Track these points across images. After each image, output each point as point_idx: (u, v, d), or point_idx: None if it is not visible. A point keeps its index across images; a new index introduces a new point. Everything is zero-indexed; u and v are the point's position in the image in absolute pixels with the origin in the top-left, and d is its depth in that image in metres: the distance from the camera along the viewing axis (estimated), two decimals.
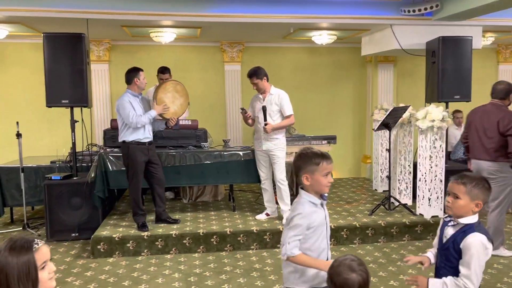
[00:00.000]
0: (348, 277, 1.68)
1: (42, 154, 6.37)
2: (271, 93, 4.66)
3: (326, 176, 2.07)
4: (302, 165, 2.07)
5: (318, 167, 2.04)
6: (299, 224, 2.06)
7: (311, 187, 2.08)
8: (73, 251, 4.49)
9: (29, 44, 6.52)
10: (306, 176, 2.06)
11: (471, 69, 5.32)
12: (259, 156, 4.80)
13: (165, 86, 4.63)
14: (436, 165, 4.77)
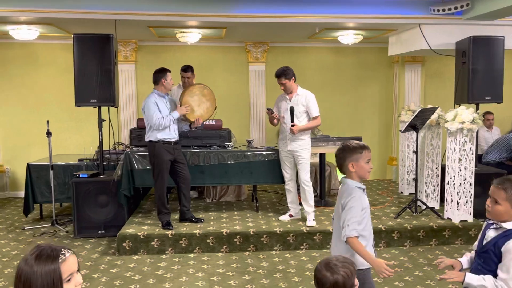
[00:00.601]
0: (324, 275, 1.72)
1: (70, 152, 6.52)
2: (298, 93, 4.62)
3: (368, 163, 2.38)
4: (347, 155, 2.37)
5: (361, 155, 2.35)
6: (354, 206, 2.30)
7: (356, 174, 2.37)
8: (99, 248, 4.57)
9: (59, 44, 6.69)
10: (352, 164, 2.35)
11: (503, 70, 5.15)
12: (283, 157, 4.76)
13: (192, 89, 4.67)
14: (465, 168, 4.64)
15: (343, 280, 1.71)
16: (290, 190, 4.81)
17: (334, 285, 1.71)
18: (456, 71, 5.37)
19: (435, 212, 4.93)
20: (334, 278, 1.71)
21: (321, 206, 5.38)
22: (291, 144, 4.63)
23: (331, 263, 1.75)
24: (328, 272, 1.72)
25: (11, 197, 6.81)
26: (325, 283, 1.71)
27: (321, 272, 1.74)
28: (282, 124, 4.73)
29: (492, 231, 2.05)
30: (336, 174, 6.19)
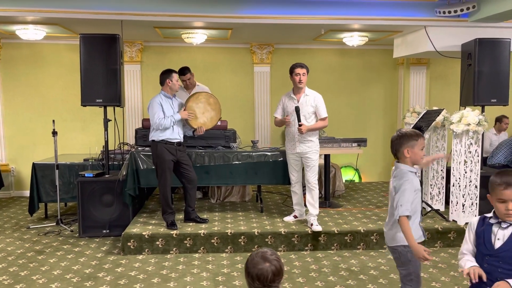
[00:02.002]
0: (263, 267, 1.82)
1: (75, 152, 6.55)
2: (307, 94, 4.55)
3: (422, 150, 2.57)
4: (404, 141, 2.55)
5: (417, 142, 2.54)
6: (407, 188, 2.49)
7: (410, 159, 2.56)
8: (104, 247, 4.58)
9: (65, 45, 6.72)
10: (407, 150, 2.54)
11: (509, 72, 5.14)
12: (291, 160, 4.68)
13: (198, 96, 4.66)
14: (471, 170, 4.63)
15: (280, 266, 1.86)
16: (296, 193, 4.77)
17: (276, 273, 1.84)
18: (462, 73, 5.36)
19: (440, 214, 4.91)
20: (274, 266, 1.84)
21: (325, 207, 5.37)
22: (299, 146, 4.55)
23: (266, 255, 1.86)
24: (267, 262, 1.83)
25: (16, 196, 6.84)
26: (266, 274, 1.82)
27: (257, 266, 1.83)
28: (289, 126, 4.61)
29: (506, 230, 2.05)
30: (340, 176, 6.18)
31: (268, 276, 1.82)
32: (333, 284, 3.69)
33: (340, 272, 3.94)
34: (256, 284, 1.84)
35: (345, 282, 3.73)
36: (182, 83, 5.56)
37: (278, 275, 1.84)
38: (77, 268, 4.03)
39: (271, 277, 1.83)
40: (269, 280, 1.83)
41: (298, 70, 4.46)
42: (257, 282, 1.84)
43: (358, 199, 5.97)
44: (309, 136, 4.52)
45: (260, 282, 1.83)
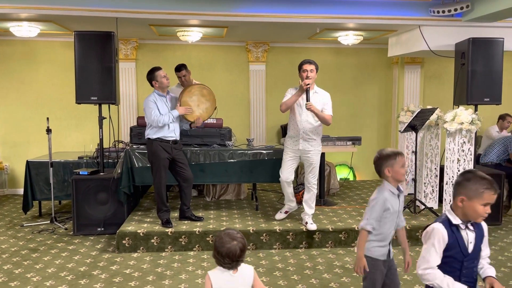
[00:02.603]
0: (230, 246, 2.06)
1: (70, 150, 6.53)
2: (316, 91, 4.43)
3: (402, 167, 2.63)
4: (383, 162, 2.63)
5: (396, 161, 2.61)
6: (377, 205, 2.58)
7: (392, 178, 2.62)
8: (98, 245, 4.57)
9: (60, 42, 6.69)
10: (388, 169, 2.61)
11: (502, 71, 5.18)
12: (287, 157, 4.51)
13: (191, 89, 4.66)
14: (464, 168, 4.67)
15: (245, 243, 2.11)
16: (286, 188, 4.60)
17: (242, 249, 2.09)
18: (455, 73, 5.40)
19: (434, 212, 4.95)
20: (241, 243, 2.09)
21: (320, 205, 5.39)
22: (303, 143, 4.43)
23: (233, 234, 2.11)
24: (235, 241, 2.08)
25: (10, 194, 6.80)
26: (235, 250, 2.06)
27: (226, 245, 2.06)
28: (293, 120, 4.45)
29: (471, 232, 2.08)
30: (335, 174, 6.21)
31: (236, 253, 2.06)
32: (327, 282, 3.71)
33: (334, 270, 3.97)
34: (226, 260, 2.07)
35: (340, 280, 3.75)
36: (178, 80, 5.57)
37: (244, 250, 2.10)
38: (71, 266, 4.02)
39: (239, 253, 2.07)
40: (237, 256, 2.07)
41: (306, 66, 4.34)
42: (227, 259, 2.06)
43: (352, 197, 6.01)
44: (313, 134, 4.42)
45: (229, 259, 2.06)
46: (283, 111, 4.45)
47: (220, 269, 2.12)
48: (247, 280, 2.14)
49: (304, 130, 4.42)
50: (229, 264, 2.09)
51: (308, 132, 4.42)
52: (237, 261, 2.08)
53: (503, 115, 6.84)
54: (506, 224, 5.35)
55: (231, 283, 2.10)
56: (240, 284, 2.12)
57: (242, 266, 2.14)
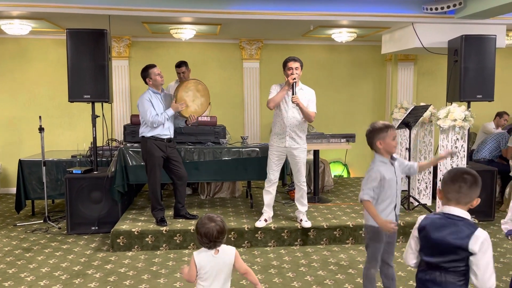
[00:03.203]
0: (209, 226, 2.26)
1: (63, 148, 6.48)
2: (302, 88, 4.38)
3: (393, 140, 2.83)
4: (375, 134, 2.84)
5: (387, 133, 2.81)
6: (371, 176, 2.82)
7: (383, 149, 2.84)
8: (93, 244, 4.55)
9: (52, 40, 6.63)
10: (380, 142, 2.82)
11: (494, 68, 5.21)
12: (274, 156, 4.44)
13: (187, 84, 4.64)
14: (457, 165, 4.70)
15: (223, 225, 2.29)
16: (270, 193, 4.54)
17: (220, 231, 2.26)
18: (448, 70, 5.42)
19: (428, 208, 4.98)
20: (219, 226, 2.27)
21: (314, 202, 5.41)
22: (289, 140, 4.37)
23: (211, 217, 2.31)
24: (213, 222, 2.27)
25: (2, 193, 6.74)
26: (212, 231, 2.25)
27: (205, 226, 2.26)
28: (279, 116, 4.38)
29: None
30: (329, 171, 6.23)
31: (213, 234, 2.25)
32: (322, 279, 3.73)
33: (329, 267, 3.98)
34: (204, 240, 2.28)
35: (334, 277, 3.77)
36: (177, 76, 5.55)
37: (222, 233, 2.28)
38: (65, 266, 4.00)
39: (216, 234, 2.26)
40: (214, 237, 2.26)
41: (291, 64, 4.28)
42: (204, 238, 2.27)
43: (347, 194, 6.02)
44: (299, 130, 4.39)
45: (207, 238, 2.26)
46: (271, 108, 4.39)
47: (204, 250, 2.33)
48: (227, 261, 2.32)
49: (291, 127, 4.35)
50: (207, 244, 2.29)
51: (294, 128, 4.36)
52: (215, 241, 2.28)
53: (500, 113, 6.88)
54: (499, 220, 5.40)
55: (213, 263, 2.30)
56: (221, 264, 2.31)
57: (223, 248, 2.34)
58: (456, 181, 2.02)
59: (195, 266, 2.31)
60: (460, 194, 2.02)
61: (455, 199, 2.03)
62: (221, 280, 2.31)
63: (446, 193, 2.05)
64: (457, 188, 2.01)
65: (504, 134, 6.34)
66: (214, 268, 2.30)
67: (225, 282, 2.33)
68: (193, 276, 2.32)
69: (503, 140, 6.26)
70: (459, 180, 2.02)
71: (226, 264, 2.32)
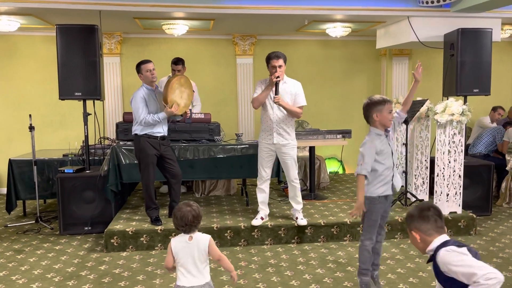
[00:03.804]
0: (185, 210, 2.44)
1: (54, 147, 6.36)
2: (286, 81, 4.26)
3: (390, 113, 2.97)
4: (372, 107, 2.97)
5: (384, 106, 2.96)
6: (366, 149, 2.97)
7: (379, 122, 2.99)
8: (86, 245, 4.46)
9: (41, 36, 6.50)
10: (376, 114, 2.97)
11: (490, 62, 5.18)
12: (263, 153, 4.34)
13: (171, 85, 4.41)
14: (454, 160, 4.66)
15: (198, 211, 2.48)
16: (264, 191, 4.45)
17: (195, 216, 2.45)
18: (444, 64, 5.38)
19: None
20: (194, 211, 2.45)
21: (311, 199, 5.35)
22: (276, 136, 4.24)
23: (188, 203, 2.50)
24: (189, 207, 2.46)
25: None
26: (187, 215, 2.42)
27: (181, 210, 2.45)
28: (265, 113, 4.28)
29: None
30: (325, 168, 6.17)
31: (188, 217, 2.43)
32: (321, 277, 3.67)
33: (327, 264, 3.93)
34: (180, 223, 2.45)
35: (333, 275, 3.71)
36: (172, 72, 5.46)
37: (196, 217, 2.46)
38: (58, 267, 3.91)
39: (191, 218, 2.43)
40: (190, 221, 2.43)
41: (274, 62, 4.16)
42: (180, 221, 2.44)
43: (343, 190, 5.98)
44: (286, 126, 4.27)
45: (182, 221, 2.43)
46: (256, 107, 4.33)
47: (180, 236, 2.50)
48: (201, 247, 2.45)
49: (277, 123, 4.25)
50: (183, 227, 2.45)
51: (281, 124, 4.26)
52: (190, 225, 2.44)
53: (495, 107, 6.89)
54: (496, 215, 5.39)
55: (187, 249, 2.45)
56: (195, 250, 2.44)
57: (198, 235, 2.49)
58: (428, 216, 2.07)
59: (172, 252, 2.46)
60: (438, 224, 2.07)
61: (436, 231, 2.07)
62: (198, 266, 2.46)
63: (426, 230, 2.07)
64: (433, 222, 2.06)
65: (499, 129, 6.34)
66: (188, 254, 2.44)
67: (202, 268, 2.47)
68: (170, 262, 2.48)
69: (498, 135, 6.25)
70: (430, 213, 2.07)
71: (200, 250, 2.45)
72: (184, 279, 2.46)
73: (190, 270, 2.45)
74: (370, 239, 3.15)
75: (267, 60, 4.25)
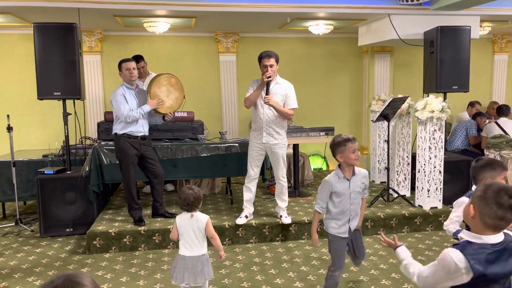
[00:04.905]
0: (188, 192, 2.89)
1: (33, 147, 6.24)
2: (278, 82, 4.25)
3: (354, 153, 2.85)
4: (335, 149, 2.91)
5: (346, 147, 2.85)
6: (324, 188, 2.96)
7: (344, 162, 2.90)
8: (68, 247, 4.39)
9: (19, 34, 6.35)
10: (339, 155, 2.89)
11: (469, 59, 5.27)
12: (253, 152, 4.36)
13: (159, 79, 4.48)
14: (435, 156, 4.73)
15: (199, 193, 2.92)
16: (251, 190, 4.45)
17: (195, 197, 2.89)
18: (425, 61, 5.45)
19: (407, 200, 5.02)
20: (196, 193, 2.90)
21: (295, 197, 5.37)
22: (266, 136, 4.31)
23: (190, 187, 2.93)
24: (191, 190, 2.90)
25: None
26: (189, 196, 2.87)
27: (185, 192, 2.90)
28: (256, 113, 4.31)
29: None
30: (309, 165, 6.20)
31: (190, 199, 2.88)
32: (305, 274, 3.69)
33: (311, 262, 3.95)
34: (184, 203, 2.90)
35: (317, 272, 3.74)
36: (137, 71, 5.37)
37: (197, 199, 2.90)
38: (39, 270, 3.84)
39: (192, 199, 2.88)
40: (191, 201, 2.88)
41: (265, 61, 4.14)
42: (184, 202, 2.89)
43: None
44: (276, 126, 4.30)
45: (185, 202, 2.89)
46: (247, 107, 4.34)
47: (184, 213, 2.94)
48: (200, 225, 2.91)
49: (267, 123, 4.26)
50: (186, 206, 2.90)
51: (271, 124, 4.27)
52: (191, 205, 2.89)
53: (472, 102, 7.01)
54: None
55: (188, 225, 2.91)
56: (195, 226, 2.90)
57: (198, 214, 2.93)
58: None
59: (176, 226, 2.93)
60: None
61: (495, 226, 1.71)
62: (196, 239, 2.91)
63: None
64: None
65: (470, 122, 6.48)
66: (188, 229, 2.91)
67: (199, 242, 2.92)
68: (175, 234, 2.96)
69: (470, 128, 6.40)
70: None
71: (198, 227, 2.91)
72: (185, 249, 2.92)
73: (190, 243, 2.91)
74: (339, 269, 3.05)
75: (259, 59, 4.24)
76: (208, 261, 2.97)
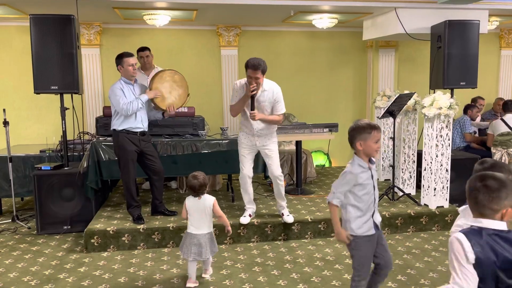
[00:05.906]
0: (193, 182, 3.29)
1: (30, 142, 6.13)
2: (265, 88, 4.01)
3: (376, 143, 2.55)
4: (356, 134, 2.56)
5: (370, 135, 2.53)
6: (347, 180, 2.58)
7: (363, 152, 2.57)
8: (65, 245, 4.29)
9: (16, 27, 6.22)
10: (360, 143, 2.55)
11: (477, 55, 5.13)
12: (244, 150, 4.20)
13: (162, 75, 4.36)
14: (442, 154, 4.61)
15: (203, 180, 3.32)
16: (247, 190, 4.30)
17: (201, 185, 3.30)
18: (431, 56, 5.31)
19: (412, 198, 4.90)
20: (201, 181, 3.31)
21: (297, 194, 5.26)
22: (258, 139, 4.14)
23: (196, 175, 3.31)
24: (196, 179, 3.29)
25: None
26: (195, 184, 3.29)
27: (191, 180, 3.33)
28: (246, 118, 4.13)
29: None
30: (312, 162, 6.08)
31: (196, 186, 3.30)
32: (309, 276, 3.58)
33: (315, 262, 3.84)
34: (191, 189, 3.32)
35: (321, 273, 3.63)
36: (140, 61, 5.25)
37: (202, 186, 3.31)
38: (35, 270, 3.74)
39: (198, 187, 3.30)
40: (197, 189, 3.30)
41: (251, 73, 3.84)
42: (192, 189, 3.31)
43: (329, 184, 5.89)
44: (267, 129, 4.14)
45: (193, 189, 3.31)
46: (234, 116, 4.24)
47: (192, 196, 3.37)
48: (207, 205, 3.33)
49: (258, 130, 4.12)
50: (194, 192, 3.33)
51: (262, 131, 4.13)
52: (198, 192, 3.32)
53: (474, 99, 6.89)
54: None
55: (197, 206, 3.33)
56: (202, 206, 3.32)
57: (205, 196, 3.35)
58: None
59: (185, 208, 3.35)
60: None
61: None
62: (203, 219, 3.32)
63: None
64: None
65: (463, 118, 6.33)
66: (196, 209, 3.32)
67: (206, 221, 3.33)
68: (184, 214, 3.36)
69: (463, 125, 6.27)
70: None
71: (205, 207, 3.32)
72: (193, 228, 3.31)
73: (197, 222, 3.30)
74: (364, 279, 2.69)
75: (245, 67, 3.93)
76: (213, 239, 3.37)
